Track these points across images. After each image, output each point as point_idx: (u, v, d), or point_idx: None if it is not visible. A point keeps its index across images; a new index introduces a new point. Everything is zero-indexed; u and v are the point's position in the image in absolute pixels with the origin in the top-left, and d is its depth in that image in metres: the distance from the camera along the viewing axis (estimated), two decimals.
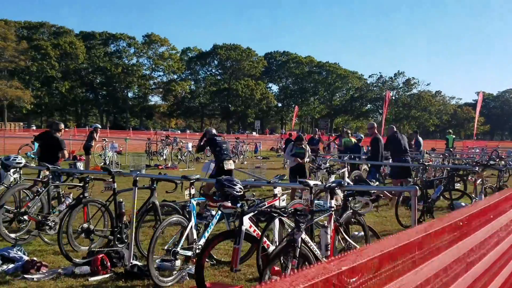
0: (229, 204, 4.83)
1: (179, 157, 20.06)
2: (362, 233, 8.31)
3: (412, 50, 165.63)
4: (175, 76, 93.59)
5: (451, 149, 20.45)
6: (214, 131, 10.67)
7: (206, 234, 5.60)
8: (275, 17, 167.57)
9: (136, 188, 5.86)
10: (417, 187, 5.11)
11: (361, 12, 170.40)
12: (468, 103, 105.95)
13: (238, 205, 4.70)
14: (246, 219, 4.64)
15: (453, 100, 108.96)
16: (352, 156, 13.88)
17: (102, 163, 17.43)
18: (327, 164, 9.15)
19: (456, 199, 10.46)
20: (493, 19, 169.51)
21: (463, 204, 9.98)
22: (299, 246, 4.25)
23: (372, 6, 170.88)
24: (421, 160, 12.98)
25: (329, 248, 4.67)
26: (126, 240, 6.00)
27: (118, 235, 5.99)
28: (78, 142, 22.59)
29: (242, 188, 4.89)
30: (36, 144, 17.81)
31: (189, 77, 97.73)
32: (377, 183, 8.83)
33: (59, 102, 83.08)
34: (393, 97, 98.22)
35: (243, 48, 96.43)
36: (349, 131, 17.23)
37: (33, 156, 17.57)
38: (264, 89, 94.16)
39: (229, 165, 9.41)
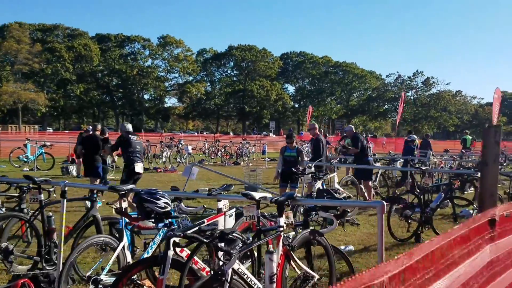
0: (149, 224, 3.90)
1: (178, 159, 19.26)
2: (351, 247, 7.37)
3: (432, 48, 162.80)
4: (191, 78, 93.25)
5: (465, 151, 19.19)
6: (129, 127, 9.47)
7: (146, 255, 4.67)
8: (291, 18, 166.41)
9: (65, 200, 4.97)
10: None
11: (379, 10, 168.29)
12: (490, 102, 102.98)
13: (161, 224, 3.78)
14: (172, 243, 3.69)
15: (474, 100, 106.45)
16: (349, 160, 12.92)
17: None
18: (312, 169, 8.14)
19: (465, 206, 9.40)
20: None
21: (471, 212, 8.90)
22: (228, 279, 3.31)
23: (390, 5, 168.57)
24: (427, 163, 11.89)
25: (274, 280, 3.68)
26: (57, 261, 5.12)
27: (47, 256, 5.12)
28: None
29: (169, 202, 3.94)
30: (29, 146, 17.36)
31: (205, 78, 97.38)
32: (344, 194, 7.81)
33: (75, 105, 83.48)
34: (412, 97, 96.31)
35: (258, 49, 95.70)
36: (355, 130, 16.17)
37: (25, 160, 16.97)
38: (279, 90, 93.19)
39: (139, 168, 8.78)
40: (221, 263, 3.36)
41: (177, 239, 3.71)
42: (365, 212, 10.09)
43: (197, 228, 3.78)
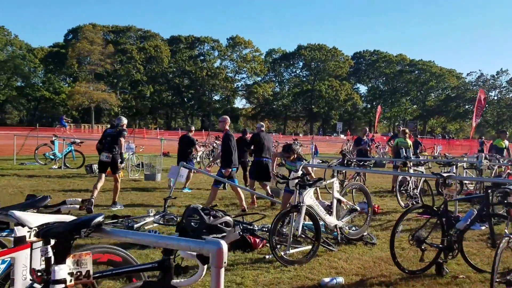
0: None
1: (211, 159, 18.02)
2: (340, 279, 5.60)
3: None
4: (259, 78, 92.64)
5: None
6: (124, 120, 9.92)
7: None
8: (363, 16, 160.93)
9: None
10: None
11: (458, 4, 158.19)
12: None
13: None
14: None
15: None
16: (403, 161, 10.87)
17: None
18: (299, 172, 6.36)
19: None
20: None
21: None
22: None
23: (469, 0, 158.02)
24: (479, 166, 9.61)
25: None
26: None
27: None
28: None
29: None
30: (57, 143, 16.87)
31: (273, 79, 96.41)
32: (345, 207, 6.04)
33: (149, 105, 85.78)
34: (495, 97, 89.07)
35: (328, 48, 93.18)
36: (407, 131, 13.98)
37: (51, 157, 16.49)
38: (349, 90, 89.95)
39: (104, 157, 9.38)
40: None
41: None
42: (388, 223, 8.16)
43: None
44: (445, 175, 5.43)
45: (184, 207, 9.33)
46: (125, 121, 9.91)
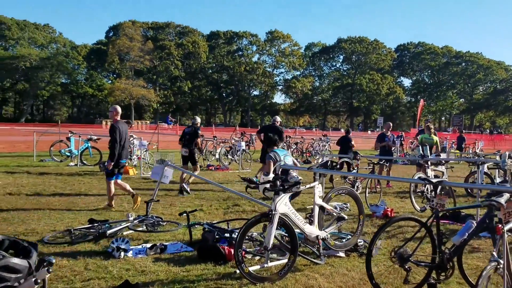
0: None
1: (229, 156, 17.46)
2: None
3: None
4: (298, 73, 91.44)
5: None
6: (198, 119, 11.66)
7: None
8: (406, 7, 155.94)
9: None
10: None
11: None
12: None
13: None
14: None
15: None
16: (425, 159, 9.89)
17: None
18: (270, 176, 5.57)
19: None
20: None
21: None
22: None
23: None
24: (503, 166, 8.55)
25: None
26: None
27: None
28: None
29: None
30: (73, 140, 16.77)
31: (313, 73, 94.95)
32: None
33: (188, 101, 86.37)
34: None
35: (369, 40, 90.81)
36: (431, 126, 12.93)
37: (68, 154, 16.39)
38: (391, 83, 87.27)
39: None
40: None
41: None
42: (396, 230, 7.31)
43: None
44: (434, 180, 4.59)
45: (172, 209, 8.81)
46: (199, 120, 12.01)
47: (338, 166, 6.06)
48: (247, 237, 6.02)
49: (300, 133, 35.32)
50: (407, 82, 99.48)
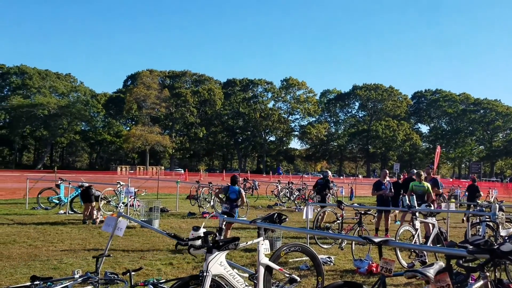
0: None
1: (211, 202, 17.00)
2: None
3: None
4: (313, 119, 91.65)
5: None
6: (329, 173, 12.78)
7: None
8: (421, 54, 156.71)
9: None
10: None
11: None
12: None
13: None
14: None
15: None
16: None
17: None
18: (201, 230, 4.88)
19: None
20: None
21: None
22: None
23: None
24: (493, 219, 7.88)
25: None
26: None
27: None
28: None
29: None
30: (62, 187, 16.49)
31: (328, 119, 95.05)
32: None
33: (204, 147, 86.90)
34: None
35: (385, 87, 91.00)
36: (422, 173, 12.26)
37: (56, 201, 16.10)
38: (408, 130, 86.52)
39: None
40: None
41: None
42: None
43: None
44: (377, 240, 4.05)
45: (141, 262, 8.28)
46: (329, 173, 14.88)
47: (287, 220, 5.43)
48: None
49: (305, 179, 34.60)
50: (424, 128, 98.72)
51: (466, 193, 23.31)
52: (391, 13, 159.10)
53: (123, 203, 14.96)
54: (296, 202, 21.61)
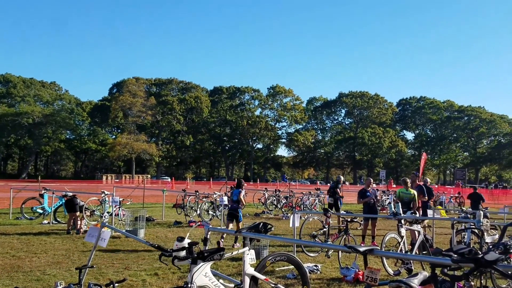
0: None
1: (211, 212, 16.81)
2: None
3: None
4: (300, 126, 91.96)
5: None
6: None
7: None
8: (407, 62, 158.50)
9: None
10: None
11: (507, 51, 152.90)
12: None
13: None
14: None
15: None
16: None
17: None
18: (185, 241, 4.83)
19: None
20: None
21: None
22: None
23: None
24: (477, 226, 7.94)
25: None
26: None
27: None
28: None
29: None
30: (46, 197, 16.24)
31: (315, 126, 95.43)
32: None
33: (191, 155, 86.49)
34: None
35: (370, 94, 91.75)
36: (408, 180, 12.32)
37: (40, 211, 15.86)
38: (393, 137, 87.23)
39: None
40: None
41: None
42: None
43: None
44: (362, 249, 4.04)
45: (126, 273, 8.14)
46: (342, 178, 16.45)
47: (272, 229, 5.41)
48: None
49: (292, 186, 34.62)
50: (409, 135, 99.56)
51: (453, 200, 23.66)
52: (376, 22, 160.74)
53: (107, 212, 14.79)
54: (283, 210, 21.53)
